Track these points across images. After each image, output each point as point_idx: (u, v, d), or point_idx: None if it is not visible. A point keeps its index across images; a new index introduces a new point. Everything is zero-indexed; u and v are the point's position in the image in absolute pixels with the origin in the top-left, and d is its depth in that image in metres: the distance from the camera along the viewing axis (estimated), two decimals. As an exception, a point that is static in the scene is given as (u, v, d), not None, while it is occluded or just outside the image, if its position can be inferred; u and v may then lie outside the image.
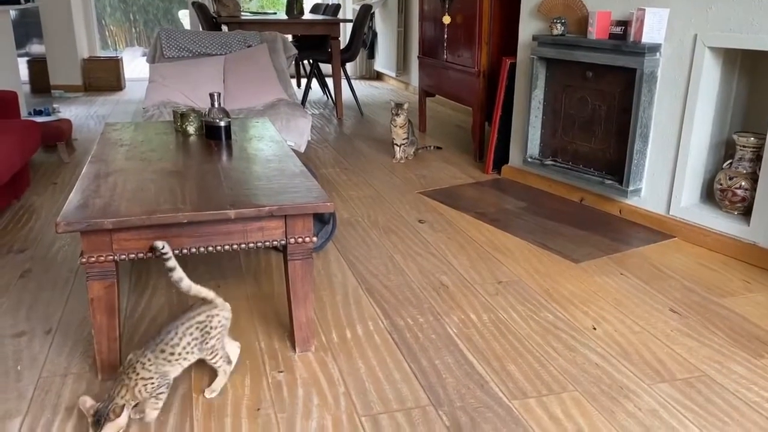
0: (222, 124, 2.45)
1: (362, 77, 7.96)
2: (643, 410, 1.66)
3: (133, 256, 1.68)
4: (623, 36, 2.87)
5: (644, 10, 2.71)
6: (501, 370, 1.83)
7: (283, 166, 2.12)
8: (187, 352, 1.61)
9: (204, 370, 1.81)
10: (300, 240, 1.82)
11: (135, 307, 2.17)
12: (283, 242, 1.81)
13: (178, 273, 1.61)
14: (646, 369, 1.84)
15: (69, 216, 1.61)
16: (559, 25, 3.15)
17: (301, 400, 1.69)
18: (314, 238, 1.84)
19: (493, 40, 3.85)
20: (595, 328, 2.07)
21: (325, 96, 6.52)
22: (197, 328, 1.62)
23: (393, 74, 7.24)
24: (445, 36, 4.26)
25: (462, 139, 4.75)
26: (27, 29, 6.17)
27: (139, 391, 1.52)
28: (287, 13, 5.43)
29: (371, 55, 7.87)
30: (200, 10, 5.47)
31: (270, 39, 4.12)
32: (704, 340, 2.00)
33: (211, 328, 1.64)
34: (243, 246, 1.78)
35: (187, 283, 1.62)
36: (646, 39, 2.75)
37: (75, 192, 1.80)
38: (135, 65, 9.00)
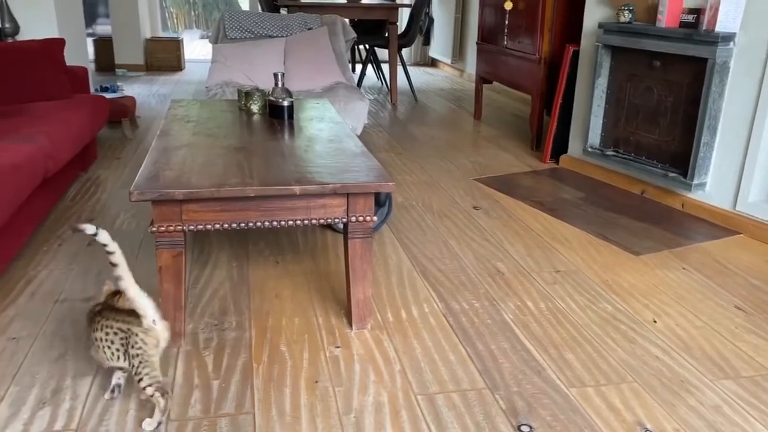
0: (285, 103, 2.48)
1: (417, 64, 7.93)
2: (705, 405, 1.62)
3: (201, 227, 1.72)
4: (695, 24, 2.78)
5: (719, -3, 2.61)
6: (558, 357, 1.82)
7: (345, 146, 2.14)
8: (106, 347, 1.47)
9: (263, 340, 1.86)
10: (361, 218, 1.84)
11: (197, 279, 2.23)
12: (344, 220, 1.84)
13: (119, 270, 1.40)
14: (708, 364, 1.80)
15: (142, 186, 1.66)
16: (627, 12, 3.07)
17: (358, 376, 1.71)
18: (374, 217, 1.86)
19: (556, 27, 3.78)
20: (655, 321, 2.02)
21: (380, 81, 6.52)
22: (116, 333, 1.45)
23: (448, 61, 7.19)
24: (506, 22, 4.20)
25: (518, 127, 4.69)
26: (92, 9, 6.37)
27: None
28: (346, -4, 5.44)
29: (427, 41, 7.82)
30: (261, -8, 5.53)
31: (330, 22, 4.14)
32: (771, 339, 1.94)
33: (129, 345, 1.45)
34: (306, 222, 1.81)
35: (125, 284, 1.40)
36: (720, 28, 2.65)
37: (146, 164, 1.86)
38: (193, 47, 9.18)
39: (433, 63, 7.94)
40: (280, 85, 2.51)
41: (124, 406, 1.56)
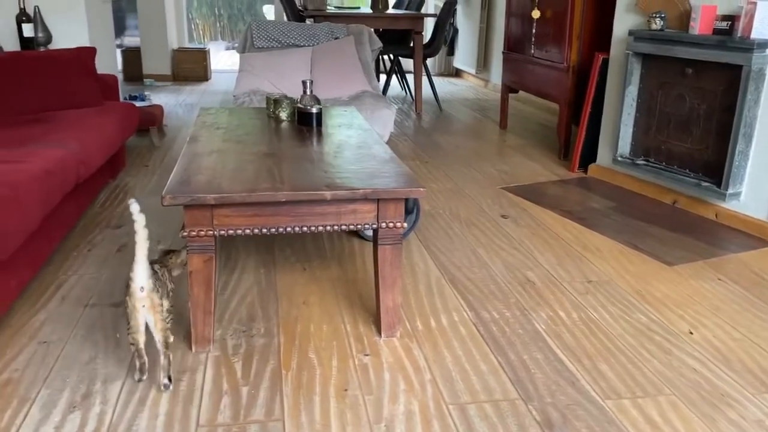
0: (314, 110, 2.48)
1: (441, 74, 7.92)
2: (747, 420, 1.56)
3: (232, 232, 1.72)
4: (729, 31, 2.73)
5: (755, 3, 2.56)
6: (592, 368, 1.78)
7: (374, 153, 2.12)
8: None
9: (291, 347, 1.84)
10: (391, 225, 1.82)
11: (225, 285, 2.23)
12: (374, 226, 1.82)
13: (137, 237, 1.55)
14: (749, 377, 1.74)
15: (174, 190, 1.66)
16: (659, 19, 3.02)
17: (388, 384, 1.69)
18: (404, 224, 1.84)
19: (584, 35, 3.75)
20: (691, 333, 1.97)
21: (404, 91, 6.52)
22: (130, 277, 1.59)
23: (473, 71, 7.17)
24: (533, 31, 4.18)
25: (545, 137, 4.64)
26: (121, 22, 6.48)
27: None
28: (372, 7, 5.46)
29: (451, 51, 7.81)
30: (288, 3, 5.58)
31: (356, 32, 4.15)
32: (814, 352, 1.87)
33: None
34: (336, 227, 1.79)
35: (137, 249, 1.55)
36: (755, 34, 2.60)
37: (177, 169, 1.86)
38: (219, 58, 9.27)
39: (457, 73, 7.93)
40: (308, 92, 2.52)
41: (153, 411, 1.56)
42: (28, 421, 1.51)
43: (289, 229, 1.76)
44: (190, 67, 7.05)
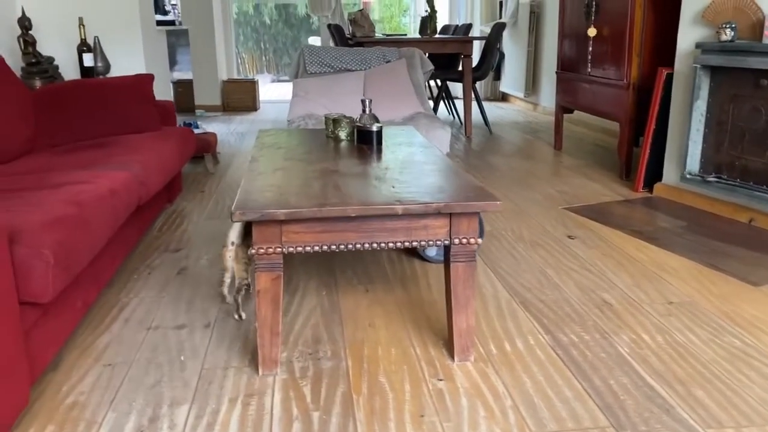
0: (374, 129, 2.43)
1: (487, 99, 7.85)
2: None
3: (301, 249, 1.65)
4: (808, 38, 2.59)
5: (838, 7, 2.42)
6: (687, 395, 1.64)
7: (440, 168, 2.05)
8: None
9: (360, 370, 1.75)
10: (464, 241, 1.73)
11: (287, 307, 2.16)
12: (446, 242, 1.74)
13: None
14: None
15: (243, 206, 1.61)
16: (729, 30, 2.90)
17: (466, 410, 1.58)
18: (479, 240, 1.75)
19: (645, 51, 3.63)
20: (792, 357, 1.81)
21: (451, 116, 6.47)
22: (227, 234, 1.97)
23: (521, 95, 7.08)
24: (589, 49, 4.08)
25: (602, 157, 4.50)
26: (171, 57, 6.64)
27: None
28: (420, 32, 5.45)
29: (497, 76, 7.75)
30: (337, 31, 5.62)
31: (408, 55, 4.12)
32: None
33: None
34: (406, 244, 1.72)
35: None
36: (839, 40, 2.46)
37: (243, 186, 1.82)
38: (265, 90, 9.41)
39: (504, 97, 7.85)
40: (367, 111, 2.47)
41: (223, 436, 1.49)
42: (96, 446, 1.46)
43: (358, 245, 1.69)
44: (240, 98, 7.16)
